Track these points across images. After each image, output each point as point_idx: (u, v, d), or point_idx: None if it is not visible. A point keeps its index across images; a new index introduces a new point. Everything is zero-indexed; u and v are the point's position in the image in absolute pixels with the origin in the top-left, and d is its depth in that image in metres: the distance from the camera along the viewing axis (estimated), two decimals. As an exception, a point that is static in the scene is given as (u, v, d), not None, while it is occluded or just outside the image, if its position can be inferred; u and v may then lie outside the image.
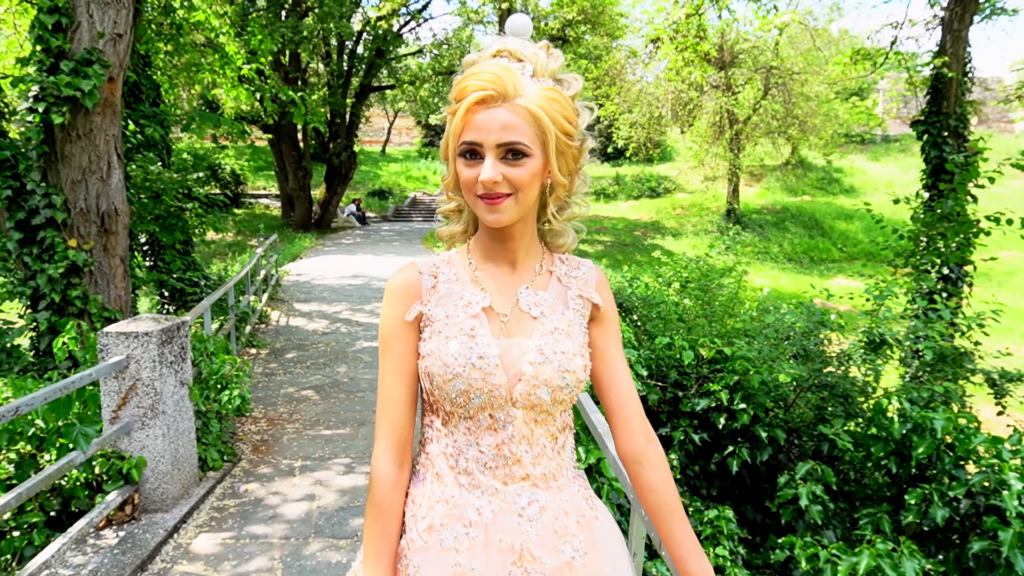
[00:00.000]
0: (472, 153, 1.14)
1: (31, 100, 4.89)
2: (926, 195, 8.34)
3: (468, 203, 1.21)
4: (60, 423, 3.34)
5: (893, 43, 10.33)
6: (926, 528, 3.44)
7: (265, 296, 10.67)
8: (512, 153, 1.13)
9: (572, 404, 1.26)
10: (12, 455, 3.47)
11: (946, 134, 9.09)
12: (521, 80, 1.14)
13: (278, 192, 25.76)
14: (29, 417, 3.42)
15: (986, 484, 3.22)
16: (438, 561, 1.16)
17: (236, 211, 24.13)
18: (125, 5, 5.04)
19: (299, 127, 22.40)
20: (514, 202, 1.15)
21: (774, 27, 20.49)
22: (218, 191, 22.30)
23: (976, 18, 9.71)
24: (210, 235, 19.64)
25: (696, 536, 1.27)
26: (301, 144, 22.92)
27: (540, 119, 1.13)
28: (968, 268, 8.70)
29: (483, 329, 1.20)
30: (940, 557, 3.35)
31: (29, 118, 4.88)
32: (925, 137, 9.30)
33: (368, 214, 26.55)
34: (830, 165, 30.72)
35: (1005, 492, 3.07)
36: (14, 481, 3.37)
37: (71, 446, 3.26)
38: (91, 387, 3.77)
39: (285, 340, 8.81)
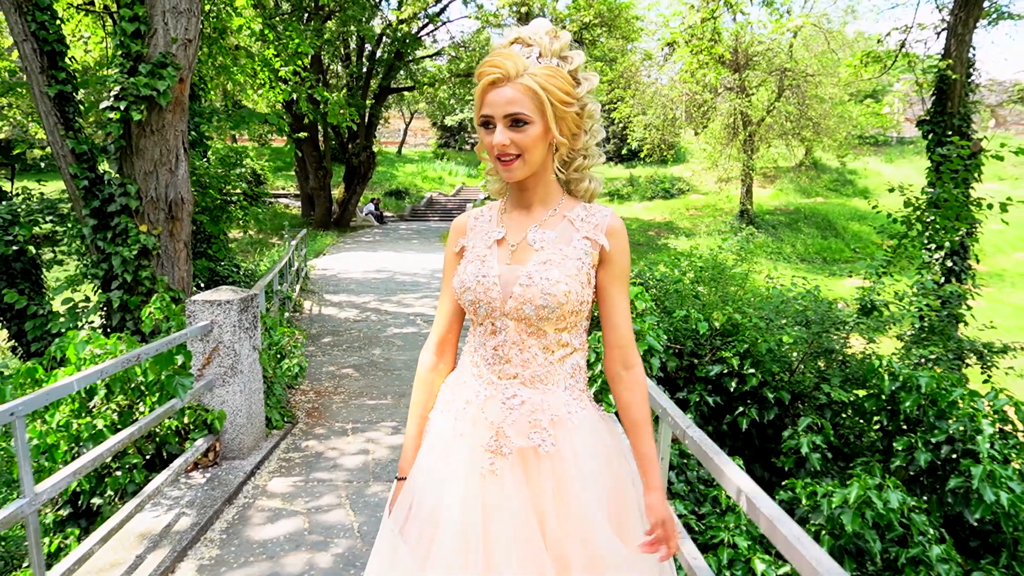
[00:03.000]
0: (488, 124, 1.45)
1: (112, 99, 5.45)
2: (931, 191, 8.76)
3: (493, 163, 1.51)
4: (162, 375, 3.87)
5: (901, 46, 10.73)
6: (912, 473, 3.89)
7: (297, 287, 11.23)
8: (516, 122, 1.41)
9: (568, 327, 1.52)
10: (114, 405, 4.01)
11: (950, 133, 9.51)
12: (524, 62, 1.41)
13: (297, 192, 26.36)
14: (136, 371, 3.95)
15: (963, 430, 3.67)
16: (443, 422, 1.60)
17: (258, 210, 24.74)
18: (195, 13, 5.59)
19: (320, 128, 23.00)
20: (522, 162, 1.45)
21: (787, 30, 20.84)
22: (240, 191, 22.94)
23: (982, 22, 10.10)
24: (233, 233, 20.27)
25: (655, 450, 1.53)
26: (321, 145, 23.51)
27: (537, 92, 1.40)
28: (971, 262, 9.12)
29: (492, 256, 1.54)
30: (925, 498, 3.80)
31: (111, 115, 5.43)
32: (930, 136, 9.77)
33: (386, 214, 27.13)
34: (844, 167, 30.85)
35: (979, 437, 3.52)
36: (119, 426, 3.90)
37: (170, 395, 3.79)
38: (182, 349, 4.30)
39: (320, 327, 9.34)
